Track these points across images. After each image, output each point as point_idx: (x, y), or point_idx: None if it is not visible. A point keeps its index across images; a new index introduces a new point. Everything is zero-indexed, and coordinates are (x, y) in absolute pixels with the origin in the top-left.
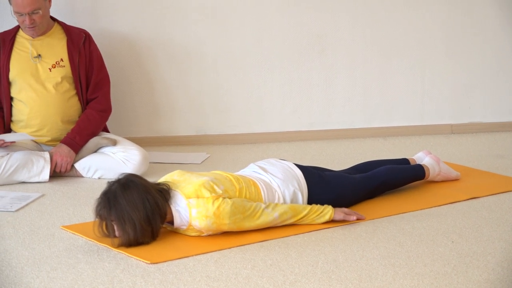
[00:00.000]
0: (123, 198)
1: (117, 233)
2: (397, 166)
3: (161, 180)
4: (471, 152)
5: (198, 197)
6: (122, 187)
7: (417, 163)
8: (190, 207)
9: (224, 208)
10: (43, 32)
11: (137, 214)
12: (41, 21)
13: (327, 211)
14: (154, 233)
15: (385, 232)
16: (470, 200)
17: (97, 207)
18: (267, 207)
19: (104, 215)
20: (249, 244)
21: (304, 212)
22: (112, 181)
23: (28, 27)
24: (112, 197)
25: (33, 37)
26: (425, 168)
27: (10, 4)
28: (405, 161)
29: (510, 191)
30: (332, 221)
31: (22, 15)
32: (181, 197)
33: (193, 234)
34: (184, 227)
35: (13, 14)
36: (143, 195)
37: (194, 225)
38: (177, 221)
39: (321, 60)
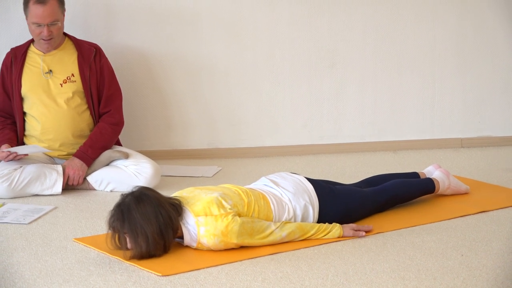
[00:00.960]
0: (137, 211)
1: (129, 246)
2: (407, 180)
3: (172, 196)
4: (480, 165)
5: (206, 214)
6: (136, 200)
7: (427, 176)
8: (199, 225)
9: (232, 227)
10: (55, 47)
11: (150, 227)
12: (57, 34)
13: (335, 230)
14: (166, 246)
15: (394, 245)
16: (479, 214)
17: (110, 219)
18: (276, 228)
19: (117, 227)
20: (259, 257)
21: (312, 232)
22: (125, 194)
23: (45, 39)
24: (126, 210)
25: (46, 51)
26: (435, 182)
27: (26, 16)
28: (415, 175)
29: None
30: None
31: (40, 26)
32: (190, 215)
33: (204, 249)
34: (194, 244)
35: (29, 25)
36: (157, 208)
37: (203, 243)
38: (186, 238)
39: (332, 75)
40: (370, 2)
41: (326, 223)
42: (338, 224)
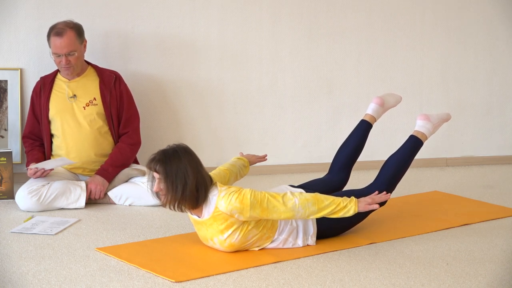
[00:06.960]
0: (185, 158)
1: (163, 189)
2: (396, 157)
3: None
4: (464, 183)
5: (229, 187)
6: (184, 150)
7: (415, 129)
8: (220, 191)
9: (245, 192)
10: (77, 74)
11: (192, 177)
12: (75, 63)
13: (351, 207)
14: (198, 200)
15: (386, 255)
16: (463, 226)
17: (152, 161)
18: (290, 194)
19: (158, 168)
20: (264, 265)
21: (326, 202)
22: (170, 145)
23: (64, 67)
24: (172, 154)
25: (68, 77)
26: (419, 136)
27: (49, 46)
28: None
29: (499, 218)
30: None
31: (59, 56)
32: (216, 188)
33: (216, 225)
34: (210, 213)
35: (51, 55)
36: (199, 165)
37: (219, 206)
38: (205, 210)
39: (329, 100)
40: (364, 34)
41: (343, 198)
42: (354, 199)
